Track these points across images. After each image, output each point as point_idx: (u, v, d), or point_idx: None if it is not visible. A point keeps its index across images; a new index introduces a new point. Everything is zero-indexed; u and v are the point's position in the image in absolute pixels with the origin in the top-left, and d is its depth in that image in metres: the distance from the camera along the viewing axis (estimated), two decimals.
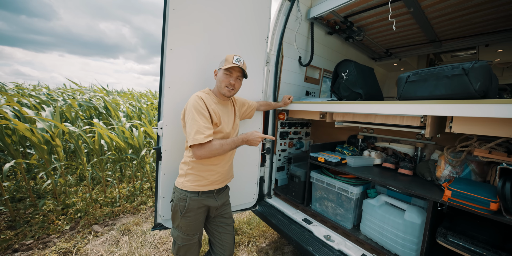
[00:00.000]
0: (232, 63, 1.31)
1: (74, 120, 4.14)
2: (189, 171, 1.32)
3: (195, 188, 1.31)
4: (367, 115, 1.65)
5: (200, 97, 1.28)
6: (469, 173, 1.37)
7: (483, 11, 2.05)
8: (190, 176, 1.32)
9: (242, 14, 1.74)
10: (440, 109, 1.13)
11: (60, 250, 2.12)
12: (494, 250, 1.08)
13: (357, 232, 1.67)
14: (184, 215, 1.31)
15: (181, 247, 1.35)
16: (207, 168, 1.33)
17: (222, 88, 1.35)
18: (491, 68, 1.13)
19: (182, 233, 1.34)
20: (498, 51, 2.75)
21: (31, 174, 2.72)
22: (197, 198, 1.31)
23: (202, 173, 1.32)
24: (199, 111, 1.22)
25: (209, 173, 1.34)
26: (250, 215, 2.90)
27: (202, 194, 1.34)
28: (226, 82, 1.34)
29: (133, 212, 2.91)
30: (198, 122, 1.20)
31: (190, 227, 1.33)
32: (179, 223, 1.33)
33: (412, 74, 1.36)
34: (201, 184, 1.32)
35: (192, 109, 1.23)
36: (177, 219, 1.34)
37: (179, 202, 1.31)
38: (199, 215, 1.35)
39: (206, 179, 1.33)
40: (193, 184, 1.31)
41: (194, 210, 1.32)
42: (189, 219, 1.32)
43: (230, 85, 1.35)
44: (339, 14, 2.30)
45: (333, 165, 1.77)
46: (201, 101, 1.26)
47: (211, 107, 1.30)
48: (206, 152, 1.19)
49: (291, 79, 2.37)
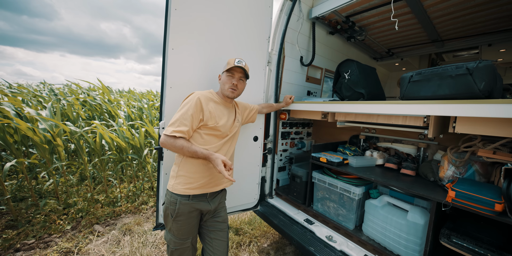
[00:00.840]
0: (234, 65, 1.33)
1: (76, 119, 4.14)
2: (180, 172, 1.28)
3: (185, 191, 1.25)
4: (370, 115, 1.64)
5: (198, 96, 1.28)
6: (472, 174, 1.35)
7: (486, 10, 2.03)
8: (181, 178, 1.27)
9: (243, 14, 1.74)
10: (443, 109, 1.12)
11: (62, 250, 2.12)
12: (499, 251, 1.07)
13: (359, 233, 1.66)
14: (175, 219, 1.26)
15: (174, 251, 1.31)
16: (197, 169, 1.28)
17: (225, 90, 1.37)
18: (495, 67, 1.12)
19: (174, 237, 1.30)
20: (501, 51, 2.73)
21: (32, 174, 2.73)
22: (187, 202, 1.26)
23: (193, 175, 1.27)
24: (187, 107, 1.24)
25: (199, 175, 1.28)
26: (252, 215, 2.89)
27: (194, 197, 1.27)
28: (229, 84, 1.36)
29: (134, 212, 2.91)
30: (179, 116, 1.22)
31: (181, 231, 1.29)
32: (171, 227, 1.29)
33: (416, 74, 1.35)
34: (192, 186, 1.26)
35: (184, 103, 1.27)
36: (168, 223, 1.30)
37: (169, 205, 1.27)
38: (191, 219, 1.30)
39: (197, 181, 1.27)
40: (183, 187, 1.25)
41: (185, 214, 1.26)
42: (180, 223, 1.27)
43: (233, 86, 1.36)
44: (340, 14, 2.29)
45: (335, 165, 1.76)
46: (197, 99, 1.26)
47: (209, 106, 1.30)
48: (167, 144, 1.19)
49: (292, 79, 2.36)
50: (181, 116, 1.22)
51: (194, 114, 1.24)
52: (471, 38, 2.68)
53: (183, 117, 1.21)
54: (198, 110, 1.26)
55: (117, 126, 3.40)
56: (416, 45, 3.08)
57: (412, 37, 2.82)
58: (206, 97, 1.32)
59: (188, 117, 1.22)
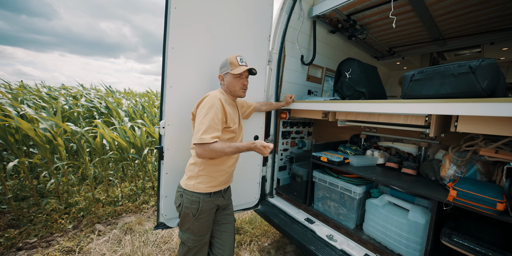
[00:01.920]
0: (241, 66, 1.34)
1: (76, 119, 4.15)
2: (200, 172, 1.30)
3: (207, 189, 1.30)
4: (371, 114, 1.63)
5: (219, 98, 1.26)
6: (474, 173, 1.35)
7: (488, 8, 2.01)
8: (202, 178, 1.30)
9: (244, 13, 1.73)
10: (446, 108, 1.11)
11: (63, 249, 2.13)
12: (500, 250, 1.07)
13: (360, 232, 1.66)
14: (197, 217, 1.29)
15: (192, 248, 1.33)
16: (219, 168, 1.33)
17: (237, 91, 1.38)
18: (498, 66, 1.11)
19: (193, 235, 1.31)
20: (504, 50, 2.71)
21: (34, 173, 2.74)
22: (209, 199, 1.31)
23: (214, 174, 1.32)
24: (214, 111, 1.20)
25: (220, 174, 1.34)
26: (252, 215, 2.90)
27: (214, 194, 1.34)
28: (240, 85, 1.37)
29: (136, 211, 2.91)
30: (209, 121, 1.18)
31: (202, 228, 1.32)
32: (190, 226, 1.30)
33: (417, 73, 1.34)
34: (213, 184, 1.32)
35: (207, 107, 1.21)
36: (187, 222, 1.31)
37: (191, 205, 1.28)
38: (211, 215, 1.35)
39: (217, 179, 1.33)
40: (205, 185, 1.30)
41: (207, 211, 1.31)
42: (201, 220, 1.30)
43: (244, 87, 1.39)
44: (342, 12, 2.27)
45: (336, 164, 1.76)
46: (219, 102, 1.25)
47: (227, 108, 1.29)
48: (207, 152, 1.17)
49: (293, 78, 2.35)
50: (212, 121, 1.19)
51: (222, 118, 1.25)
52: (473, 37, 2.66)
53: (214, 122, 1.19)
54: (223, 114, 1.26)
55: (118, 124, 3.40)
56: (417, 44, 3.06)
57: (414, 36, 2.80)
58: (224, 99, 1.31)
59: (218, 121, 1.22)
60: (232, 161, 1.40)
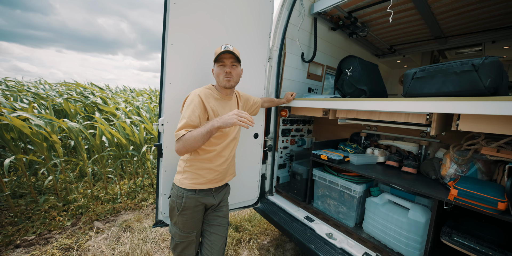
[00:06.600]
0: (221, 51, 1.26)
1: (74, 115, 4.12)
2: (186, 168, 1.30)
3: (192, 186, 1.28)
4: (371, 112, 1.62)
5: (198, 94, 1.25)
6: (475, 172, 1.34)
7: (490, 6, 2.00)
8: (188, 174, 1.30)
9: (244, 9, 1.70)
10: (447, 106, 1.10)
11: (62, 246, 2.12)
12: (500, 250, 1.06)
13: (360, 230, 1.66)
14: (181, 212, 1.29)
15: (179, 244, 1.34)
16: (204, 166, 1.30)
17: (221, 81, 1.31)
18: (502, 64, 1.10)
19: (179, 230, 1.32)
20: (505, 48, 2.70)
21: (31, 170, 2.72)
22: (194, 196, 1.29)
23: (200, 171, 1.29)
24: (191, 108, 1.20)
25: (206, 172, 1.31)
26: (252, 213, 2.90)
27: (200, 192, 1.31)
28: (223, 73, 1.29)
29: (134, 209, 2.91)
30: (186, 118, 1.18)
31: (187, 224, 1.31)
32: (176, 220, 1.32)
33: (419, 71, 1.33)
34: (199, 182, 1.29)
35: (186, 105, 1.23)
36: (174, 216, 1.33)
37: (176, 199, 1.30)
38: (197, 213, 1.33)
39: (203, 177, 1.30)
40: (190, 181, 1.28)
41: (191, 208, 1.29)
42: (186, 216, 1.30)
43: (227, 75, 1.29)
44: (343, 9, 2.25)
45: (336, 162, 1.75)
46: (198, 98, 1.23)
47: (210, 104, 1.27)
48: (180, 146, 1.14)
49: (293, 76, 2.33)
50: (189, 118, 1.18)
51: (200, 114, 1.22)
52: (475, 35, 2.64)
53: (190, 119, 1.18)
54: (203, 110, 1.24)
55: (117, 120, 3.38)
56: (418, 42, 3.04)
57: (415, 34, 2.78)
58: (205, 94, 1.28)
59: (195, 118, 1.19)
60: (222, 159, 1.34)
